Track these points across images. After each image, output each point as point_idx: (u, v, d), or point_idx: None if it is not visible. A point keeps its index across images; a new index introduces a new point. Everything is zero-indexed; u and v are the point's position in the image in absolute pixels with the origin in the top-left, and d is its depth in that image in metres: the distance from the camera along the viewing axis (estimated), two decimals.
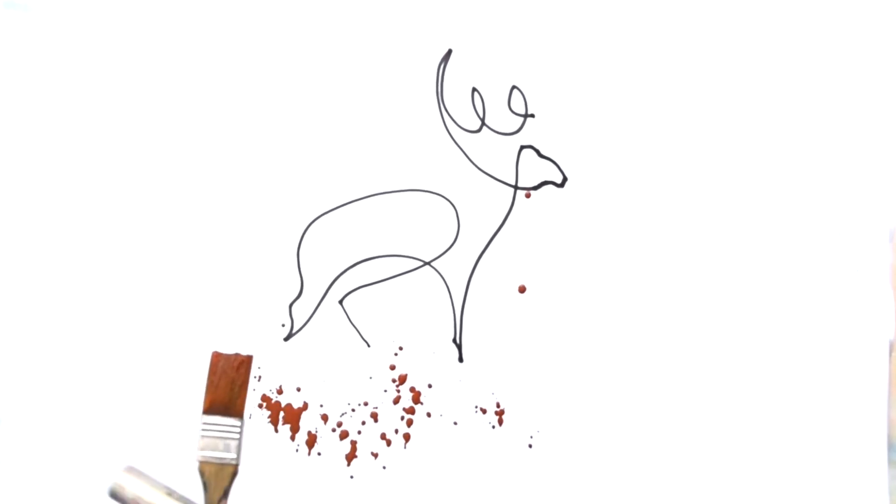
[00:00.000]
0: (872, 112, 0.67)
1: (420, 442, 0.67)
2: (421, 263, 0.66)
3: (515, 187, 0.66)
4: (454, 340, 0.66)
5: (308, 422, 0.67)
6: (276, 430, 0.66)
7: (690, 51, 0.66)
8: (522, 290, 0.66)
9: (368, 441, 0.67)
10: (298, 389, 0.66)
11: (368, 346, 0.67)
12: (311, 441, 0.67)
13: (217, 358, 0.64)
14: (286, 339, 0.66)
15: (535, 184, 0.66)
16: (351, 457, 0.67)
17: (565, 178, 0.66)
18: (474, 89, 0.66)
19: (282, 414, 0.66)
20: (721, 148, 0.67)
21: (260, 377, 0.66)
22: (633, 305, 0.67)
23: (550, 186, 0.66)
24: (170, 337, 0.66)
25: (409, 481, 0.67)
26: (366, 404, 0.67)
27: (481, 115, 0.66)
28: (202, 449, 0.61)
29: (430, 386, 0.67)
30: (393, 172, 0.66)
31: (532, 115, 0.66)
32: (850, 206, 0.67)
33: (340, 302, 0.66)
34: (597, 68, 0.66)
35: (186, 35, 0.66)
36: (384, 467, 0.67)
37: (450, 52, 0.66)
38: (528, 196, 0.66)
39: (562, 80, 0.66)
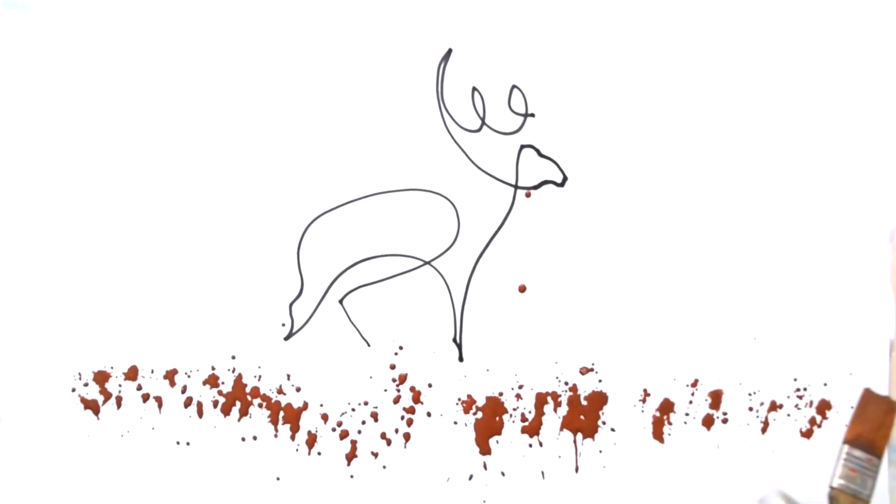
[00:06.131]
0: (872, 112, 0.67)
1: (420, 442, 0.67)
2: (421, 263, 0.66)
3: (515, 187, 0.66)
4: (454, 340, 0.66)
5: (308, 422, 0.67)
6: (277, 430, 0.66)
7: (690, 51, 0.66)
8: (522, 289, 0.66)
9: (368, 441, 0.67)
10: (298, 389, 0.66)
11: (368, 345, 0.66)
12: (311, 441, 0.67)
13: (869, 395, 0.65)
14: (286, 338, 0.66)
15: (536, 183, 0.66)
16: (351, 456, 0.67)
17: (565, 178, 0.66)
18: (474, 89, 0.66)
19: (282, 414, 0.66)
20: (721, 148, 0.67)
21: (260, 376, 0.66)
22: (633, 305, 0.67)
23: (550, 186, 0.66)
24: (170, 336, 0.66)
25: (409, 481, 0.66)
26: (366, 404, 0.67)
27: (481, 115, 0.66)
28: (841, 477, 0.61)
29: (430, 385, 0.67)
30: (393, 172, 0.66)
31: (532, 115, 0.66)
32: (850, 206, 0.67)
33: (340, 301, 0.66)
34: (597, 68, 0.66)
35: (186, 35, 0.66)
36: (384, 467, 0.67)
37: (450, 51, 0.66)
38: (528, 196, 0.66)
39: (562, 80, 0.66)
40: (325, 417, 0.66)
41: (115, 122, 0.66)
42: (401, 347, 0.66)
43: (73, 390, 0.66)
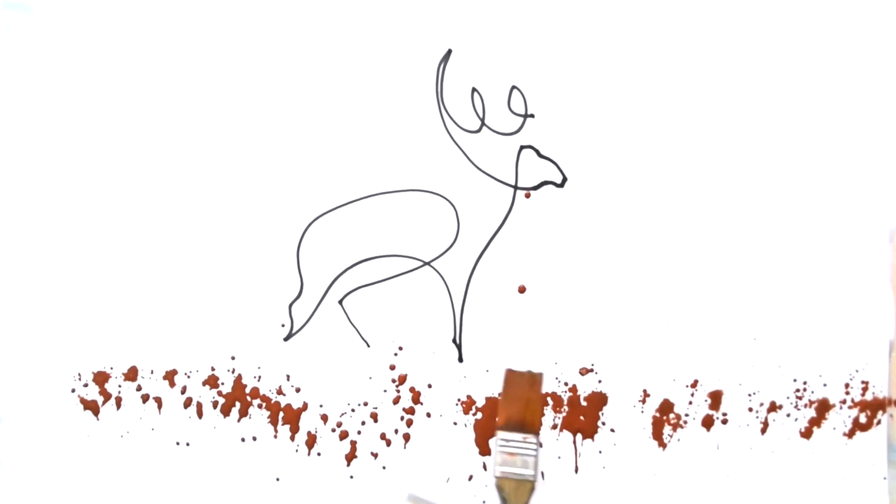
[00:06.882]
0: (872, 112, 0.67)
1: (420, 442, 0.67)
2: (421, 263, 0.66)
3: (515, 187, 0.66)
4: (454, 340, 0.66)
5: (308, 422, 0.67)
6: (276, 430, 0.66)
7: (690, 51, 0.66)
8: (522, 290, 0.66)
9: (368, 441, 0.67)
10: (298, 390, 0.66)
11: (368, 346, 0.67)
12: (311, 441, 0.67)
13: (511, 375, 0.64)
14: (286, 339, 0.66)
15: (535, 184, 0.66)
16: (351, 457, 0.67)
17: (565, 178, 0.66)
18: (474, 89, 0.66)
19: (282, 414, 0.66)
20: (721, 148, 0.67)
21: (260, 377, 0.66)
22: (633, 305, 0.67)
23: (550, 186, 0.66)
24: (170, 337, 0.66)
25: (409, 481, 0.67)
26: (366, 404, 0.67)
27: (481, 115, 0.66)
28: (501, 465, 0.60)
29: (430, 386, 0.67)
30: (393, 172, 0.66)
31: (532, 115, 0.66)
32: (850, 206, 0.67)
33: (340, 302, 0.66)
34: (597, 68, 0.66)
35: (187, 35, 0.66)
36: (384, 467, 0.67)
37: (450, 52, 0.66)
38: (528, 196, 0.66)
39: (562, 80, 0.66)
40: (324, 418, 0.67)
41: (115, 123, 0.66)
42: (400, 348, 0.66)
43: (73, 391, 0.66)
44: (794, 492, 0.67)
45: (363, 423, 0.67)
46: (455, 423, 0.67)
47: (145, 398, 0.66)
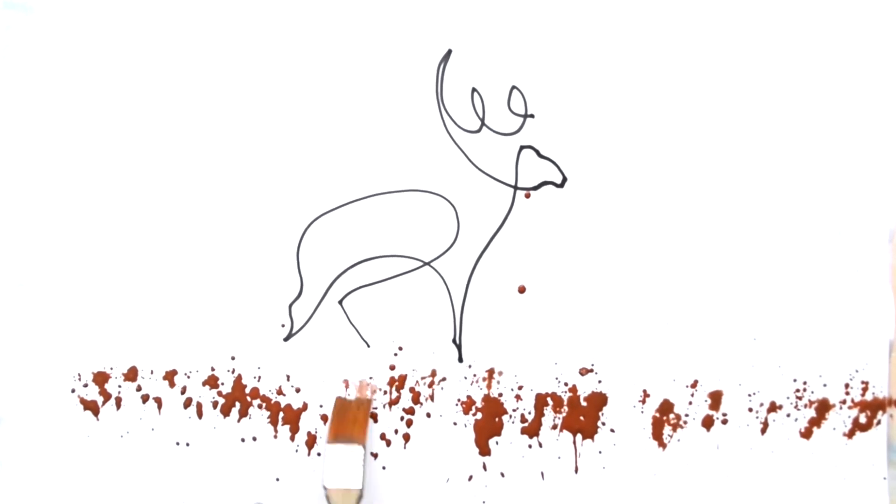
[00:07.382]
0: (872, 112, 0.67)
1: (420, 442, 0.67)
2: (421, 263, 0.66)
3: (515, 187, 0.66)
4: (454, 340, 0.66)
5: (308, 422, 0.67)
6: (276, 431, 0.66)
7: (690, 51, 0.66)
8: (522, 290, 0.66)
9: (368, 441, 0.67)
10: (298, 390, 0.66)
11: (368, 346, 0.67)
12: (311, 441, 0.67)
13: (340, 402, 0.65)
14: (286, 339, 0.66)
15: (535, 184, 0.66)
16: None
17: (565, 178, 0.66)
18: (474, 89, 0.66)
19: (282, 414, 0.66)
20: (721, 148, 0.67)
21: (260, 377, 0.66)
22: (633, 306, 0.67)
23: (550, 186, 0.66)
24: (169, 337, 0.66)
25: (408, 482, 0.67)
26: None
27: (481, 115, 0.66)
28: (328, 476, 0.61)
29: (430, 386, 0.67)
30: (393, 172, 0.66)
31: (532, 116, 0.66)
32: (850, 207, 0.67)
33: (340, 302, 0.66)
34: (597, 68, 0.66)
35: (187, 36, 0.66)
36: (384, 467, 0.67)
37: (450, 52, 0.66)
38: (527, 196, 0.66)
39: (562, 80, 0.66)
40: (324, 418, 0.67)
41: (116, 123, 0.66)
42: (400, 348, 0.66)
43: (73, 391, 0.66)
44: (794, 492, 0.67)
45: None
46: (455, 424, 0.67)
47: (145, 398, 0.66)
